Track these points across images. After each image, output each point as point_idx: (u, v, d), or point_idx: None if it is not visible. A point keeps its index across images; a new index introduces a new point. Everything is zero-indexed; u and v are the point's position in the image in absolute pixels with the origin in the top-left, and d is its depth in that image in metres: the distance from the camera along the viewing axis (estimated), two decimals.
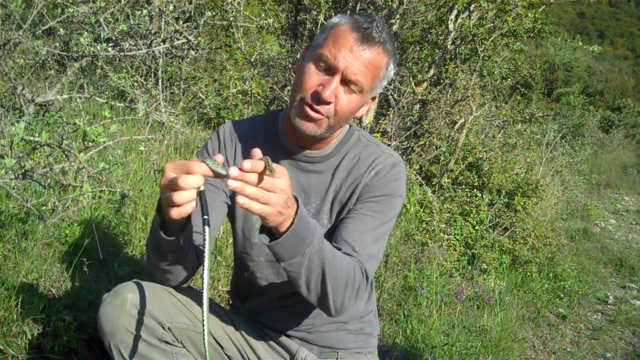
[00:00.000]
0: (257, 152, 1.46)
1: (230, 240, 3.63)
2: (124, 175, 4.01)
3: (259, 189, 1.45)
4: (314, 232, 1.62)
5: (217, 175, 1.46)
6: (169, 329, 1.91)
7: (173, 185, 1.44)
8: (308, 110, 1.79)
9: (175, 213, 1.46)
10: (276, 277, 2.08)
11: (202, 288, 1.48)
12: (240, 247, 2.10)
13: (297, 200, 1.57)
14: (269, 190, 1.46)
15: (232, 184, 1.41)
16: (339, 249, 1.81)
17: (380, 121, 6.52)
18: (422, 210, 6.05)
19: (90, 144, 2.69)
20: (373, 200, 1.91)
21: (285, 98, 6.28)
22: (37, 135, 2.67)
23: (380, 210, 1.91)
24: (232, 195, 2.03)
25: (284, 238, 1.55)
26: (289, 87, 6.45)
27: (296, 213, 1.56)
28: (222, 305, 2.80)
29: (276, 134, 1.99)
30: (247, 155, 1.79)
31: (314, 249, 1.62)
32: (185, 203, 1.45)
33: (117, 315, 1.82)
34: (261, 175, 1.44)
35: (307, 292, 1.71)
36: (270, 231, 1.59)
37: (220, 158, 1.48)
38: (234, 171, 1.41)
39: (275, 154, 1.94)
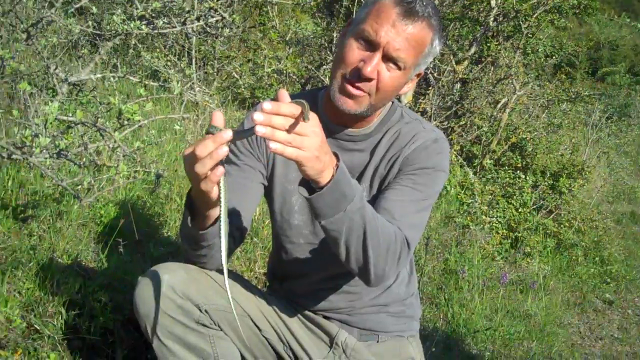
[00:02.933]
0: (283, 93, 1.42)
1: (267, 222, 3.68)
2: (159, 155, 4.03)
3: (290, 134, 1.40)
4: (355, 188, 1.60)
5: (240, 135, 1.44)
6: (205, 311, 1.91)
7: (192, 158, 1.43)
8: (348, 87, 1.77)
9: (204, 186, 1.46)
10: (315, 258, 2.08)
11: (220, 234, 1.49)
12: (278, 229, 2.10)
13: (336, 155, 1.56)
14: (301, 134, 1.42)
15: (259, 129, 1.35)
16: None
17: (420, 100, 6.48)
18: (463, 192, 6.00)
19: (126, 122, 2.71)
20: (414, 173, 1.89)
21: (321, 77, 6.26)
22: (71, 114, 2.68)
23: (422, 183, 1.88)
24: (269, 176, 2.03)
25: (326, 190, 1.53)
26: (324, 67, 6.43)
27: (337, 166, 1.54)
28: (259, 287, 2.79)
29: (316, 113, 1.93)
30: None
31: (356, 206, 1.59)
32: (207, 172, 1.43)
33: (153, 297, 1.84)
34: (296, 120, 1.40)
35: (347, 255, 1.69)
36: (310, 187, 1.57)
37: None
38: (258, 116, 1.35)
39: None
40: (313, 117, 1.44)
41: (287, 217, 2.06)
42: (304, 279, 2.13)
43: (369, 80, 1.76)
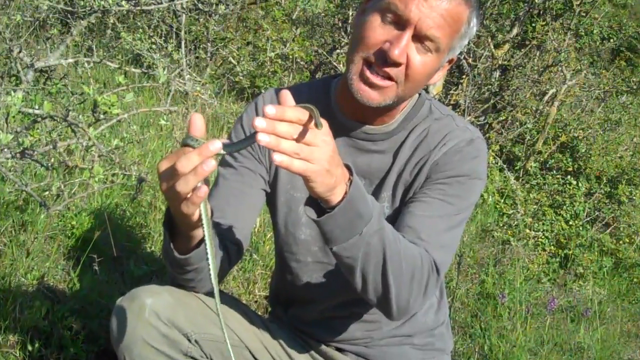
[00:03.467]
0: (286, 95, 1.41)
1: (270, 235, 3.70)
2: (141, 155, 4.01)
3: (297, 144, 1.37)
4: (372, 206, 1.58)
5: (237, 146, 1.44)
6: (195, 341, 1.90)
7: (171, 174, 1.40)
8: (371, 74, 1.76)
9: (185, 208, 1.44)
10: (327, 281, 2.07)
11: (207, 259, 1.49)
12: (282, 245, 2.10)
13: (348, 168, 1.54)
14: (310, 144, 1.39)
15: (262, 138, 1.31)
16: (402, 236, 1.76)
17: (451, 92, 6.48)
18: (502, 200, 5.98)
19: (102, 116, 2.70)
20: (445, 182, 1.88)
21: (334, 63, 6.26)
22: (37, 106, 2.69)
23: (453, 194, 1.87)
24: (272, 181, 2.04)
25: (338, 210, 1.50)
26: (338, 50, 6.43)
27: (350, 181, 1.52)
28: (260, 313, 2.79)
29: (328, 106, 1.97)
30: None
31: (373, 228, 1.58)
32: (189, 191, 1.40)
33: (134, 325, 1.82)
34: (305, 127, 1.38)
35: (363, 286, 1.68)
36: (319, 207, 1.55)
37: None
38: (260, 122, 1.31)
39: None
40: (323, 123, 1.41)
41: (293, 231, 2.05)
42: (313, 305, 2.13)
43: (397, 65, 1.74)
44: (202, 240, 1.61)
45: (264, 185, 2.02)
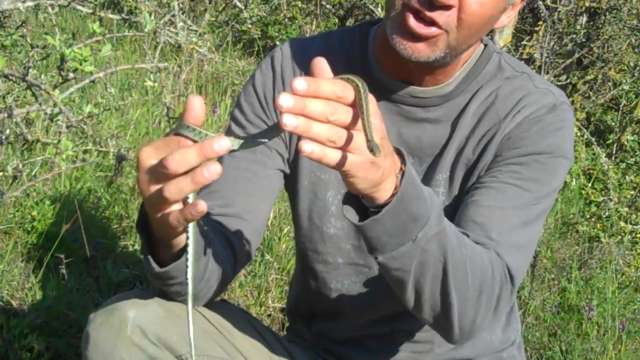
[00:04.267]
0: (320, 63, 1.34)
1: (287, 229, 3.74)
2: (121, 126, 4.02)
3: (333, 127, 1.30)
4: (430, 203, 1.56)
5: (251, 142, 1.42)
6: None
7: (158, 172, 1.37)
8: (414, 21, 1.75)
9: (171, 219, 1.41)
10: (363, 289, 2.08)
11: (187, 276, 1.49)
12: (305, 242, 2.11)
13: (400, 154, 1.51)
14: (350, 127, 1.33)
15: (288, 122, 1.24)
16: (466, 236, 1.75)
17: (524, 42, 6.48)
18: (590, 185, 5.94)
19: (71, 75, 2.70)
20: (520, 162, 1.88)
21: (370, 7, 6.23)
22: None
23: (531, 178, 1.87)
24: (292, 159, 2.04)
25: (385, 212, 1.47)
26: None
27: (402, 172, 1.49)
28: (275, 329, 2.79)
29: (365, 62, 1.99)
30: None
31: (431, 232, 1.56)
32: (179, 199, 1.38)
33: (113, 344, 1.80)
34: (352, 107, 1.32)
35: (417, 303, 1.68)
36: (360, 204, 1.53)
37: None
38: (285, 100, 1.24)
39: None
40: (370, 100, 1.35)
41: (319, 223, 2.05)
42: (345, 319, 2.14)
43: (446, 8, 1.73)
44: (185, 250, 1.56)
45: (281, 164, 2.02)
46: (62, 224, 3.06)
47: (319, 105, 1.27)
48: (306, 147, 1.27)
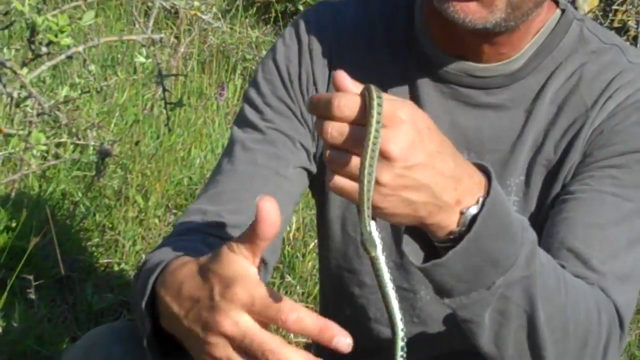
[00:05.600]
0: (342, 76, 1.30)
1: (313, 245, 3.76)
2: (105, 113, 4.12)
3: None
4: (521, 242, 1.42)
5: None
6: None
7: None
8: None
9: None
10: (409, 320, 1.97)
11: None
12: (337, 258, 2.04)
13: (484, 169, 1.39)
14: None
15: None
16: (561, 267, 1.62)
17: (614, 7, 6.35)
18: None
19: (44, 49, 2.73)
20: (616, 164, 1.76)
21: None
22: None
23: (633, 184, 1.75)
24: (321, 154, 1.93)
25: (452, 255, 1.35)
26: None
27: (487, 193, 1.36)
28: None
29: (411, 34, 1.92)
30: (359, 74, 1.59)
31: (515, 276, 1.42)
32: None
33: None
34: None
35: (498, 355, 1.54)
36: (422, 236, 1.41)
37: None
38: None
39: (409, 72, 1.87)
40: (408, 110, 1.27)
41: (354, 235, 1.96)
42: (387, 356, 1.93)
43: None
44: None
45: (306, 161, 1.94)
46: (30, 236, 3.01)
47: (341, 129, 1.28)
48: (331, 183, 1.30)
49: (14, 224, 3.11)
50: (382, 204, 1.29)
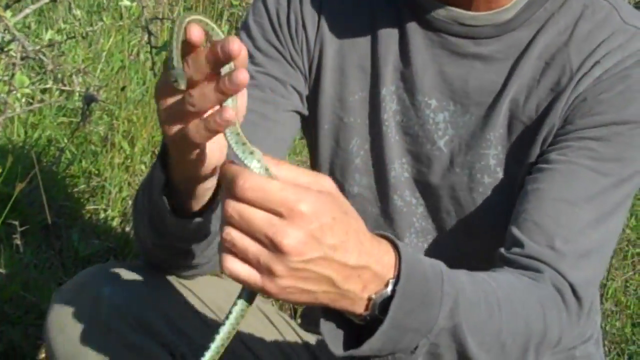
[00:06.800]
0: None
1: None
2: (90, 59, 4.09)
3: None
4: (441, 297, 1.38)
5: None
6: (182, 357, 1.79)
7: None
8: None
9: (194, 133, 1.30)
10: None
11: None
12: None
13: (393, 242, 1.35)
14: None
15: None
16: (521, 244, 1.66)
17: None
18: None
19: None
20: (596, 136, 1.74)
21: None
22: None
23: (611, 157, 1.73)
24: (312, 95, 1.95)
25: (367, 345, 1.31)
26: None
27: (396, 275, 1.31)
28: (286, 315, 2.74)
29: None
30: (351, 18, 1.78)
31: (441, 328, 1.40)
32: (206, 108, 1.27)
33: (83, 328, 1.74)
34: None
35: None
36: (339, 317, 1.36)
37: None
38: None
39: (400, 17, 1.84)
40: (312, 201, 1.20)
41: (341, 180, 1.94)
42: None
43: None
44: (212, 205, 1.55)
45: (298, 104, 1.92)
46: (15, 182, 2.97)
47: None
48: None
49: None
50: (280, 294, 1.24)
